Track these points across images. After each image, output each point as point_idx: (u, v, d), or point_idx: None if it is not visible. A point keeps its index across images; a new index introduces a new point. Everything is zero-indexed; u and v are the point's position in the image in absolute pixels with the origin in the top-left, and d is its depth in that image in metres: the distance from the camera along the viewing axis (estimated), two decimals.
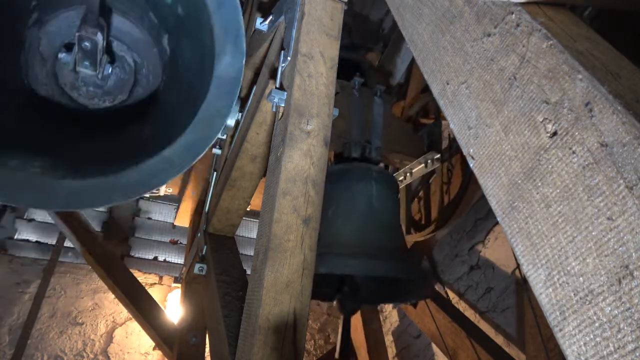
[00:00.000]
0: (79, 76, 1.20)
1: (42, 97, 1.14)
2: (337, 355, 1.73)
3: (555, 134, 0.58)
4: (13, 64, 1.09)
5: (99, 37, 1.11)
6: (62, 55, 1.15)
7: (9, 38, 1.07)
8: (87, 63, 1.13)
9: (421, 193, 3.63)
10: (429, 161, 2.63)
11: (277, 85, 1.48)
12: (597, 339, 0.48)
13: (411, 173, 2.77)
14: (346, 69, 2.29)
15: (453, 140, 2.64)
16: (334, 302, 1.88)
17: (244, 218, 2.39)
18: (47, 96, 1.15)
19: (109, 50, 1.18)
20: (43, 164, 0.94)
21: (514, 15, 0.69)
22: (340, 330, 1.88)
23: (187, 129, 0.97)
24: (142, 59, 1.18)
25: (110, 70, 1.18)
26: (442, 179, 3.19)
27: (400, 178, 2.77)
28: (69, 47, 1.15)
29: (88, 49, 1.11)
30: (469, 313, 3.31)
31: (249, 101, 2.03)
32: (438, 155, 2.60)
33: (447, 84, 0.81)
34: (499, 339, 2.96)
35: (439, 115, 2.76)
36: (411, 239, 3.46)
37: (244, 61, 0.98)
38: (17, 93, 1.10)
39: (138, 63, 1.19)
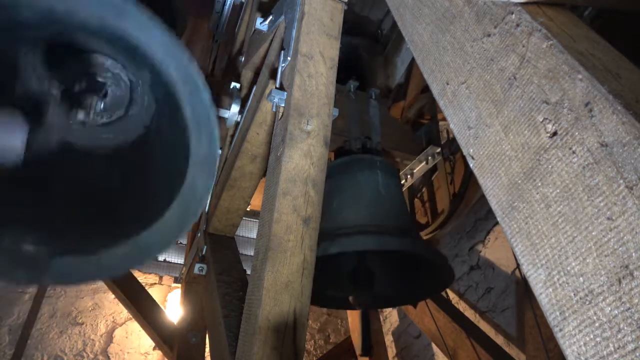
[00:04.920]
0: None
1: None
2: (358, 352, 1.72)
3: (555, 134, 0.58)
4: (9, 89, 1.08)
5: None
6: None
7: (5, 66, 1.06)
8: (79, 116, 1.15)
9: (424, 190, 3.63)
10: (430, 157, 2.61)
11: (277, 85, 1.48)
12: (597, 339, 0.48)
13: (412, 174, 2.76)
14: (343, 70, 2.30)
15: (453, 140, 2.64)
16: (350, 298, 1.86)
17: (244, 218, 2.39)
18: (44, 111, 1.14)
19: (98, 88, 1.17)
20: (35, 240, 0.95)
21: (514, 15, 0.69)
22: (359, 326, 1.86)
23: (164, 215, 1.00)
24: (137, 78, 1.19)
25: (102, 106, 1.18)
26: (446, 171, 3.18)
27: (402, 181, 2.75)
28: None
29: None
30: (469, 313, 3.31)
31: (249, 101, 2.03)
32: (439, 150, 2.59)
33: (447, 84, 0.81)
34: (499, 339, 2.96)
35: (435, 115, 2.75)
36: None
37: (217, 161, 1.00)
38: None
39: (133, 82, 1.20)
